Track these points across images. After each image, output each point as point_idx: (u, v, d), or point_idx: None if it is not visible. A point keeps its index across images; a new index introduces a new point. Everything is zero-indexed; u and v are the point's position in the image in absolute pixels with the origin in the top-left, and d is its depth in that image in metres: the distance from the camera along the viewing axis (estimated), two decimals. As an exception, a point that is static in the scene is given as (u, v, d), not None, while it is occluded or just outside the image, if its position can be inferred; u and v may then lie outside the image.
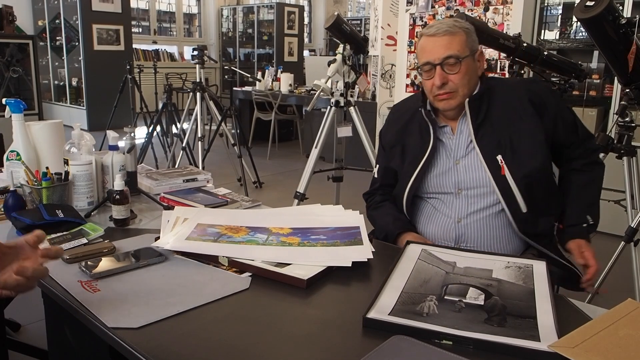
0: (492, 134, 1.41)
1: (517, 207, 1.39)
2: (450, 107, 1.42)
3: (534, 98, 1.43)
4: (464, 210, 1.45)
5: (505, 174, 1.38)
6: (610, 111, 3.50)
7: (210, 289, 1.03)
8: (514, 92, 1.46)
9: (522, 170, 1.38)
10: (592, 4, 1.93)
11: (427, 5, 4.33)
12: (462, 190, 1.45)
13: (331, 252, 1.17)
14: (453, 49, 1.37)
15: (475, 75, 1.43)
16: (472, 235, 1.44)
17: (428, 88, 1.43)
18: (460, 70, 1.38)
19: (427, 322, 0.88)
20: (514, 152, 1.39)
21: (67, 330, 1.15)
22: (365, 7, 12.68)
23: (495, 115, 1.43)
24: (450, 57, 1.36)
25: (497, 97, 1.45)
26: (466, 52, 1.38)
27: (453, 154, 1.47)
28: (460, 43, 1.37)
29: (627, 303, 0.93)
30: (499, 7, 3.91)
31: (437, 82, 1.38)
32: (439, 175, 1.47)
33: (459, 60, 1.37)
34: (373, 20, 5.19)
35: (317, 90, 2.89)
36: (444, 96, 1.41)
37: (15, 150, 1.52)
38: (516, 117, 1.42)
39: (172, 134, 5.18)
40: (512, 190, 1.38)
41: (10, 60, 5.16)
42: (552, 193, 1.47)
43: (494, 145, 1.41)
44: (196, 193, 1.64)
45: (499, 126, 1.42)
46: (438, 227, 1.48)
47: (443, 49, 1.37)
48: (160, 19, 10.05)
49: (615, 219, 2.74)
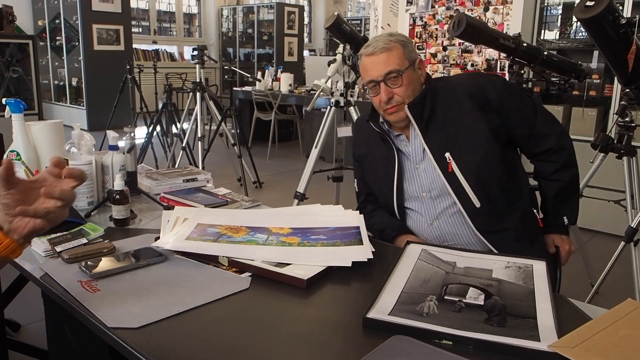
0: (438, 133, 1.45)
1: (470, 202, 1.42)
2: (400, 118, 1.47)
3: (473, 92, 1.45)
4: (432, 212, 1.49)
5: (453, 169, 1.43)
6: (610, 111, 3.50)
7: (210, 289, 1.03)
8: (454, 90, 1.48)
9: (469, 165, 1.42)
10: (592, 4, 1.93)
11: (427, 5, 4.33)
12: (426, 193, 1.49)
13: (331, 252, 1.17)
14: (392, 64, 1.41)
15: (418, 83, 1.47)
16: (447, 236, 1.48)
17: (377, 104, 1.49)
18: (403, 82, 1.42)
19: (427, 322, 0.88)
20: (461, 148, 1.43)
21: (67, 330, 1.15)
22: (365, 7, 12.68)
23: (439, 115, 1.46)
24: (391, 72, 1.42)
25: (440, 96, 1.47)
26: (405, 64, 1.42)
27: (412, 159, 1.51)
28: (398, 57, 1.42)
29: (627, 303, 0.93)
30: (498, 7, 3.91)
31: (383, 97, 1.44)
32: (408, 182, 1.52)
33: (400, 74, 1.42)
34: (373, 20, 5.19)
35: (317, 90, 2.90)
36: (392, 109, 1.45)
37: (15, 150, 1.52)
38: (459, 113, 1.45)
39: (172, 134, 5.18)
40: (462, 185, 1.42)
41: (10, 60, 5.16)
42: (509, 187, 1.46)
43: (441, 144, 1.44)
44: (196, 193, 1.64)
45: (444, 125, 1.45)
46: (420, 230, 1.53)
47: (383, 66, 1.42)
48: (160, 19, 10.05)
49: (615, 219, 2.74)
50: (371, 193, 1.65)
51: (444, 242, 1.48)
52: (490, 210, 1.43)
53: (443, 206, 1.47)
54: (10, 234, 0.88)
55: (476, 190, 1.41)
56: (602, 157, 2.43)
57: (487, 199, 1.42)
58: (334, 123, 3.02)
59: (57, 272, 1.08)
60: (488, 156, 1.42)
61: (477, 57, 4.09)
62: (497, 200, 1.43)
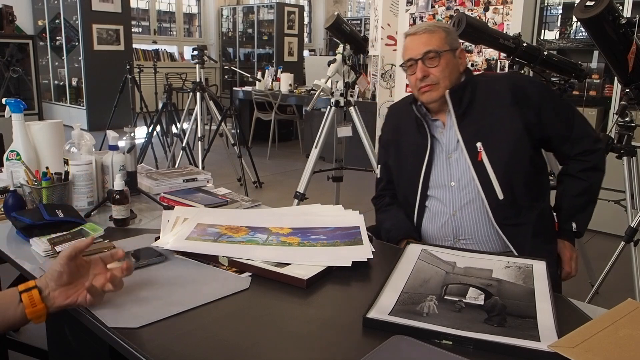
0: (473, 124, 1.47)
1: (493, 193, 1.43)
2: (433, 99, 1.49)
3: (515, 88, 1.48)
4: (457, 202, 1.49)
5: (483, 159, 1.44)
6: (610, 111, 3.50)
7: (210, 289, 1.03)
8: (497, 83, 1.52)
9: (499, 156, 1.43)
10: (592, 4, 1.93)
11: (427, 5, 4.33)
12: (455, 183, 1.50)
13: (331, 252, 1.17)
14: (432, 45, 1.46)
15: (456, 70, 1.50)
16: (467, 227, 1.48)
17: (412, 83, 1.51)
18: (440, 63, 1.46)
19: (427, 322, 0.88)
20: (493, 140, 1.45)
21: (67, 330, 1.15)
22: (365, 7, 12.68)
23: (477, 106, 1.48)
24: (429, 52, 1.45)
25: (481, 88, 1.50)
26: (445, 47, 1.46)
27: (445, 148, 1.52)
28: (439, 39, 1.46)
29: (627, 303, 0.93)
30: (498, 7, 3.91)
31: (418, 75, 1.47)
32: (437, 169, 1.52)
33: (438, 54, 1.45)
34: (373, 20, 5.19)
35: (317, 90, 2.89)
36: (425, 88, 1.48)
37: (15, 150, 1.52)
38: (496, 105, 1.47)
39: (172, 134, 5.17)
40: (489, 175, 1.43)
41: (10, 60, 5.16)
42: (533, 185, 1.48)
43: (474, 134, 1.46)
44: (196, 193, 1.64)
45: (481, 115, 1.47)
46: (437, 222, 1.52)
47: (423, 45, 1.46)
48: (160, 19, 10.05)
49: (615, 219, 2.74)
50: (392, 181, 1.65)
51: (457, 237, 1.49)
52: (512, 203, 1.44)
53: (469, 197, 1.47)
54: (47, 300, 0.89)
55: (502, 182, 1.43)
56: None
57: (511, 192, 1.43)
58: (334, 123, 3.02)
59: (57, 272, 1.08)
60: (518, 151, 1.44)
61: (477, 57, 4.09)
62: (520, 195, 1.45)
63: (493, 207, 1.43)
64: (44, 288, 0.90)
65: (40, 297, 0.89)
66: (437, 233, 1.52)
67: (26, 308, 0.88)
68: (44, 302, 0.89)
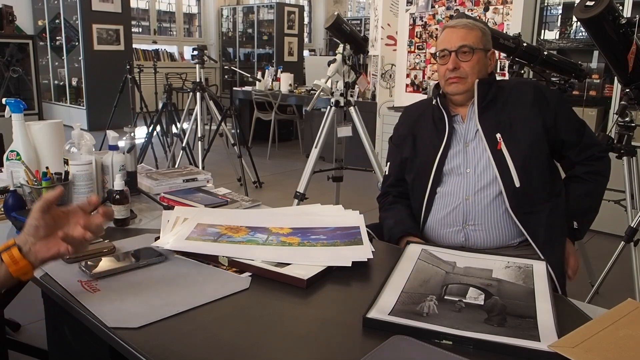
0: (494, 117, 1.53)
1: (511, 181, 1.46)
2: (459, 90, 1.54)
3: (536, 91, 1.55)
4: (471, 188, 1.52)
5: (502, 148, 1.49)
6: (610, 111, 3.50)
7: (210, 289, 1.03)
8: (521, 85, 1.59)
9: (518, 147, 1.48)
10: (592, 4, 1.93)
11: (427, 5, 4.33)
12: (470, 169, 1.53)
13: (331, 252, 1.17)
14: (468, 40, 1.52)
15: (485, 69, 1.56)
16: (478, 213, 1.50)
17: (442, 73, 1.57)
18: (472, 59, 1.52)
19: (427, 322, 0.88)
20: (512, 133, 1.50)
21: (67, 330, 1.15)
22: (365, 7, 12.68)
23: (500, 102, 1.54)
24: (464, 46, 1.52)
25: (506, 88, 1.57)
26: (479, 46, 1.53)
27: (463, 138, 1.57)
28: (476, 37, 1.53)
29: (627, 303, 0.93)
30: (498, 7, 3.91)
31: (449, 66, 1.53)
32: (452, 157, 1.56)
33: (472, 50, 1.52)
34: (373, 20, 5.19)
35: (317, 90, 2.89)
36: (454, 80, 1.54)
37: (15, 150, 1.52)
38: (518, 104, 1.53)
39: (172, 134, 5.17)
40: (507, 163, 1.47)
41: (10, 60, 5.16)
42: (549, 181, 1.52)
43: (494, 125, 1.51)
44: (196, 193, 1.64)
45: (502, 111, 1.53)
46: (448, 206, 1.54)
47: (459, 39, 1.53)
48: (160, 18, 10.05)
49: (615, 219, 2.74)
50: (401, 179, 1.68)
51: (467, 222, 1.51)
52: (528, 193, 1.47)
53: (484, 183, 1.51)
54: (29, 256, 0.89)
55: (519, 171, 1.46)
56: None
57: (528, 182, 1.47)
58: (334, 123, 3.02)
59: (57, 272, 1.08)
60: (535, 146, 1.49)
61: (477, 57, 4.08)
62: (536, 187, 1.48)
63: (509, 194, 1.46)
64: (23, 245, 0.89)
65: (21, 254, 0.89)
66: (446, 218, 1.54)
67: (9, 267, 0.88)
68: (27, 257, 0.89)
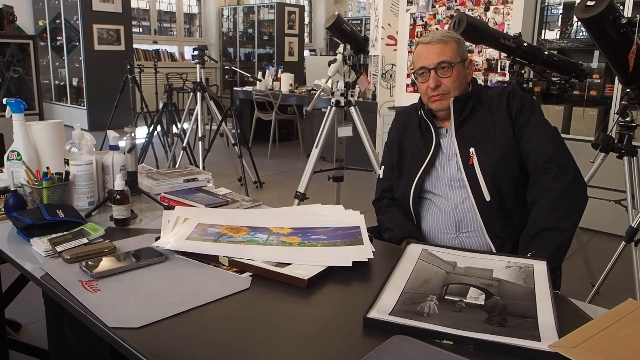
0: (470, 130, 1.53)
1: (481, 195, 1.47)
2: (443, 107, 1.54)
3: (511, 98, 1.53)
4: (458, 198, 1.53)
5: (474, 163, 1.49)
6: (610, 111, 3.49)
7: (211, 289, 1.03)
8: (500, 93, 1.56)
9: (489, 160, 1.48)
10: (592, 4, 1.93)
11: (427, 5, 4.33)
12: (454, 182, 1.54)
13: (332, 252, 1.17)
14: (446, 55, 1.50)
15: (464, 80, 1.55)
16: (470, 221, 1.51)
17: (423, 90, 1.56)
18: (452, 74, 1.51)
19: (428, 322, 0.88)
20: (485, 144, 1.50)
21: (68, 330, 1.15)
22: (365, 7, 12.68)
23: (477, 114, 1.54)
24: (443, 62, 1.50)
25: (483, 99, 1.56)
26: (457, 59, 1.52)
27: (447, 151, 1.56)
28: (452, 50, 1.51)
29: (627, 303, 0.93)
30: (499, 7, 3.91)
31: (431, 84, 1.51)
32: (440, 168, 1.57)
33: (451, 66, 1.50)
34: (373, 20, 5.19)
35: (318, 90, 2.89)
36: (436, 97, 1.53)
37: (15, 150, 1.52)
38: (492, 113, 1.53)
39: (172, 134, 5.17)
40: (478, 179, 1.47)
41: (10, 60, 5.16)
42: (522, 192, 1.47)
43: (469, 140, 1.52)
44: (196, 193, 1.64)
45: (478, 123, 1.53)
46: (441, 214, 1.55)
47: (437, 55, 1.51)
48: (161, 18, 10.05)
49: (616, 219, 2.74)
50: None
51: (460, 229, 1.52)
52: (500, 206, 1.46)
53: (463, 197, 1.52)
54: None
55: (489, 185, 1.46)
56: (603, 157, 2.44)
57: (499, 195, 1.46)
58: (334, 123, 3.02)
59: (57, 272, 1.08)
60: (507, 155, 1.48)
61: (477, 57, 4.08)
62: (508, 199, 1.47)
63: (481, 208, 1.47)
64: None
65: None
66: (439, 224, 1.55)
67: None
68: None
